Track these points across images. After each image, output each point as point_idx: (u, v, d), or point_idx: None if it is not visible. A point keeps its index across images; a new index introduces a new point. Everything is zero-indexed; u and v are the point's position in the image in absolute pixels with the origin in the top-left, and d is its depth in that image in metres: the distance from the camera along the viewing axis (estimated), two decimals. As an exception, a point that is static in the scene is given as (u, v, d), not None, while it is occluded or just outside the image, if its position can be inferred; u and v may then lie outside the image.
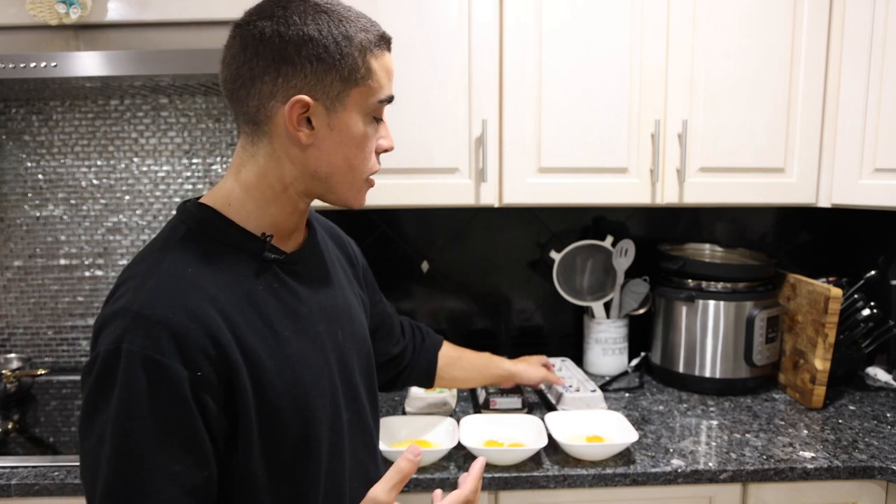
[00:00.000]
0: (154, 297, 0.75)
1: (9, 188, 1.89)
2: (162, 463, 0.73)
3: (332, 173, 0.85)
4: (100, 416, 0.73)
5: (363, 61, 0.81)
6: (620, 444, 1.34)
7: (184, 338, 0.74)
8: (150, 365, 0.72)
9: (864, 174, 1.58)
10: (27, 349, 1.93)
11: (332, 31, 0.79)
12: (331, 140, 0.83)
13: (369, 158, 0.87)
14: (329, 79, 0.80)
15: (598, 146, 1.58)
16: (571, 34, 1.55)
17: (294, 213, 0.88)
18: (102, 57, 1.38)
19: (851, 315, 1.72)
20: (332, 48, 0.79)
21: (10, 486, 1.28)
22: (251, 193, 0.85)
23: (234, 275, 0.82)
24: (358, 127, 0.84)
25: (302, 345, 0.85)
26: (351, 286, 1.03)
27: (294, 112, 0.80)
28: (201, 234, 0.83)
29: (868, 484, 1.36)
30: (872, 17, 1.52)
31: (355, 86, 0.82)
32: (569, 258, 1.87)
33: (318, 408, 0.85)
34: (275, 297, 0.84)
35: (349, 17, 0.81)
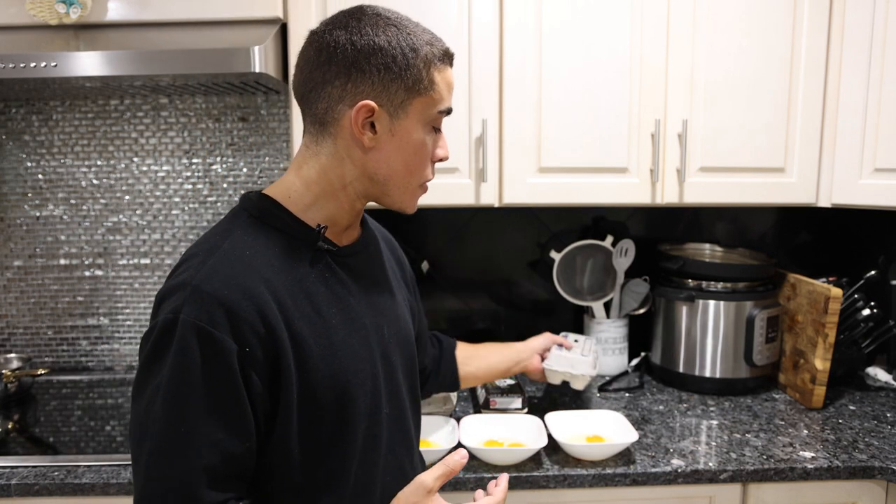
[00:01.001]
0: (213, 274, 0.81)
1: (9, 188, 1.89)
2: (207, 429, 0.78)
3: (389, 177, 0.90)
4: (153, 379, 0.79)
5: (427, 73, 0.87)
6: (620, 444, 1.34)
7: (236, 314, 0.79)
8: (204, 336, 0.77)
9: (864, 174, 1.58)
10: (27, 349, 1.93)
11: (400, 42, 0.85)
12: (391, 145, 0.88)
13: (426, 166, 0.92)
14: (394, 87, 0.86)
15: (599, 146, 1.58)
16: (571, 34, 1.55)
17: (350, 211, 0.93)
18: (102, 57, 1.38)
19: (851, 315, 1.72)
20: (400, 59, 0.85)
21: (10, 486, 1.28)
22: (311, 188, 0.90)
23: (288, 261, 0.87)
24: (418, 134, 0.89)
25: (348, 333, 0.89)
26: (400, 289, 1.08)
27: (360, 116, 0.86)
28: (261, 221, 0.88)
29: (868, 484, 1.36)
30: (872, 18, 1.53)
31: (418, 95, 0.87)
32: (569, 258, 1.87)
33: (357, 395, 0.89)
34: (325, 285, 0.89)
35: (416, 31, 0.87)
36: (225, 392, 0.79)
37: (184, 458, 0.77)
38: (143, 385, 0.80)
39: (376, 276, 1.00)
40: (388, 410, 0.95)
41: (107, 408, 1.68)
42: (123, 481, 1.28)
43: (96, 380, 1.88)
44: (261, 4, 1.48)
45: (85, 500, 1.29)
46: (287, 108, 1.86)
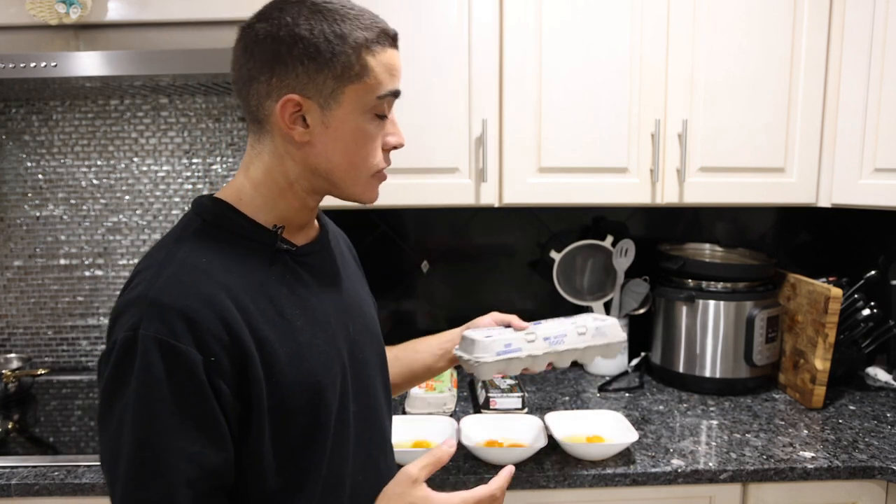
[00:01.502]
0: (169, 284, 0.78)
1: (9, 188, 1.89)
2: (181, 445, 0.75)
3: (331, 170, 0.86)
4: (119, 402, 0.76)
5: (358, 59, 0.82)
6: (620, 444, 1.34)
7: (198, 323, 0.76)
8: (167, 349, 0.75)
9: (864, 174, 1.58)
10: (27, 349, 1.93)
11: (324, 30, 0.80)
12: (327, 137, 0.84)
13: (372, 155, 0.87)
14: (321, 77, 0.81)
15: (599, 146, 1.58)
16: (571, 34, 1.55)
17: (303, 208, 0.90)
18: (102, 57, 1.38)
19: (851, 315, 1.72)
20: (324, 47, 0.80)
21: (10, 485, 1.28)
22: (259, 189, 0.87)
23: (247, 265, 0.84)
24: (356, 124, 0.85)
25: (313, 334, 0.87)
26: (364, 285, 1.06)
27: (286, 111, 0.82)
28: (216, 226, 0.85)
29: (868, 484, 1.36)
30: (872, 18, 1.52)
31: (350, 83, 0.82)
32: (569, 258, 1.87)
33: (328, 396, 0.87)
34: (287, 287, 0.87)
35: (348, 15, 0.82)
36: (195, 405, 0.76)
37: (161, 477, 0.75)
38: (109, 408, 0.76)
39: (338, 273, 0.97)
40: (356, 408, 0.93)
41: (107, 408, 1.68)
42: (123, 481, 1.28)
43: (96, 380, 1.87)
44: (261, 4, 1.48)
45: (85, 500, 1.29)
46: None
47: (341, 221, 1.14)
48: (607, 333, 1.21)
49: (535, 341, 1.16)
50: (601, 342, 1.20)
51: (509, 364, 1.13)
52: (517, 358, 1.14)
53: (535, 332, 1.16)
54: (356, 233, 1.18)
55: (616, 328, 1.22)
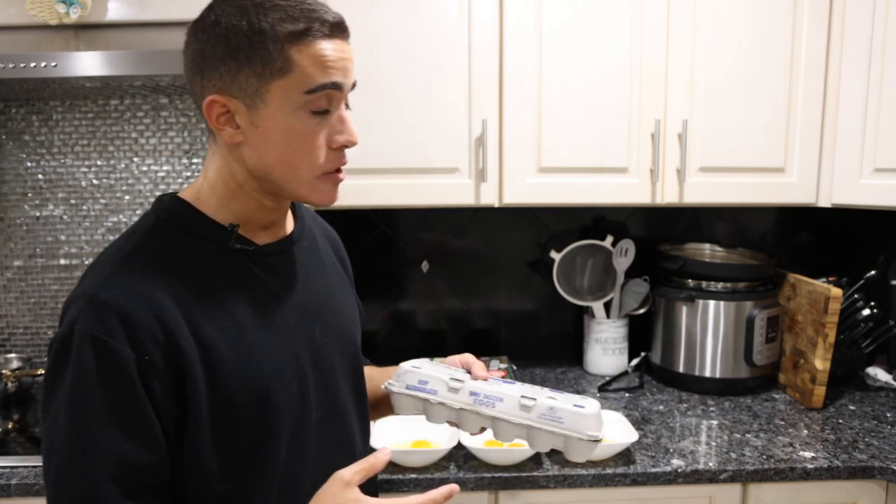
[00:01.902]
0: (109, 281, 0.78)
1: (9, 188, 1.89)
2: (110, 441, 0.75)
3: (267, 172, 0.83)
4: (55, 396, 0.77)
5: (280, 53, 0.77)
6: (620, 444, 1.34)
7: (132, 321, 0.76)
8: (99, 346, 0.75)
9: (864, 174, 1.58)
10: (27, 349, 1.93)
11: (242, 26, 0.77)
12: (257, 138, 0.81)
13: (311, 155, 0.82)
14: (243, 76, 0.78)
15: (599, 146, 1.58)
16: (571, 34, 1.55)
17: (260, 209, 0.88)
18: (102, 57, 1.38)
19: (851, 315, 1.72)
20: (244, 44, 0.77)
21: (10, 485, 1.28)
22: (214, 190, 0.86)
23: (198, 264, 0.83)
24: (286, 122, 0.80)
25: (267, 336, 0.85)
26: (343, 287, 1.03)
27: (212, 112, 0.80)
28: (171, 223, 0.85)
29: (868, 484, 1.36)
30: (872, 18, 1.53)
31: (273, 80, 0.78)
32: (569, 258, 1.87)
33: (280, 400, 0.85)
34: (241, 287, 0.85)
35: (275, 7, 0.78)
36: (126, 403, 0.76)
37: (88, 472, 0.75)
38: (48, 401, 0.78)
39: (308, 275, 0.94)
40: (320, 414, 0.90)
41: (107, 408, 1.68)
42: (123, 481, 1.28)
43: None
44: (261, 4, 1.48)
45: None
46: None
47: (339, 222, 1.14)
48: (565, 421, 0.93)
49: (459, 392, 0.96)
50: (553, 429, 0.93)
51: (426, 407, 0.98)
52: (430, 402, 0.97)
53: (464, 383, 0.97)
54: (356, 233, 1.18)
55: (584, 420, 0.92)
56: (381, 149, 1.56)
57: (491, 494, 1.33)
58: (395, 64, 1.53)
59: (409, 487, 1.29)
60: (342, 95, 0.82)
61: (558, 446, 0.94)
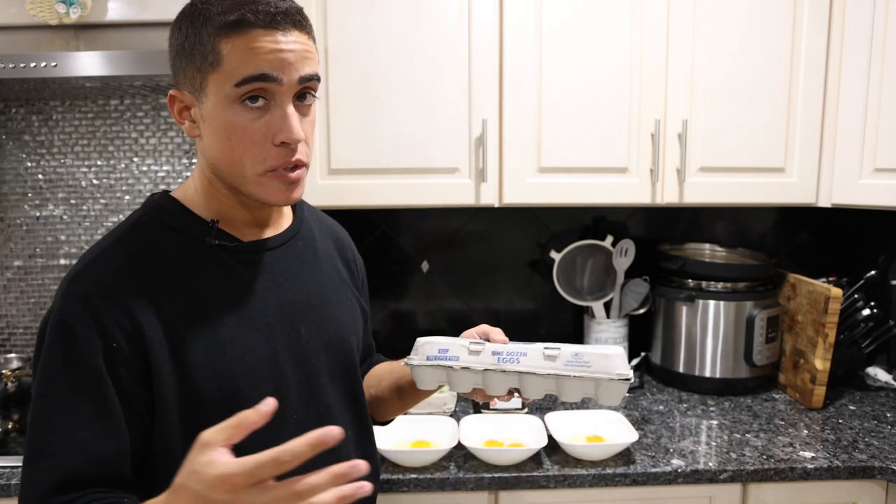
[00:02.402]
0: (86, 272, 0.81)
1: (9, 188, 1.89)
2: (70, 427, 0.76)
3: (217, 166, 0.84)
4: (34, 381, 0.80)
5: (213, 46, 0.77)
6: (620, 444, 1.34)
7: (99, 309, 0.78)
8: (67, 331, 0.77)
9: (864, 174, 1.58)
10: (27, 349, 1.93)
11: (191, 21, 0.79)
12: (207, 132, 0.82)
13: (253, 150, 0.80)
14: (190, 70, 0.80)
15: (599, 146, 1.58)
16: (571, 34, 1.55)
17: (238, 205, 0.88)
18: (102, 57, 1.38)
19: (851, 315, 1.72)
20: (190, 38, 0.79)
21: (10, 486, 1.28)
22: (196, 184, 0.89)
23: (175, 259, 0.84)
24: (224, 116, 0.79)
25: (242, 332, 0.85)
26: (342, 289, 1.01)
27: (173, 106, 0.84)
28: (155, 219, 0.87)
29: (868, 484, 1.36)
30: (872, 18, 1.53)
31: (209, 73, 0.79)
32: (569, 258, 1.87)
33: (250, 396, 0.81)
34: (218, 283, 0.86)
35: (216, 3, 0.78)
36: (89, 389, 0.77)
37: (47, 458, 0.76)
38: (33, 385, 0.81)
39: (298, 274, 0.93)
40: (301, 416, 0.88)
41: (107, 408, 1.68)
42: (123, 481, 1.28)
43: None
44: (261, 4, 1.48)
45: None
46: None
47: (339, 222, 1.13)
48: (592, 365, 0.91)
49: (481, 354, 0.93)
50: (582, 374, 0.91)
51: (449, 375, 0.94)
52: (453, 368, 0.93)
53: (485, 345, 0.95)
54: (356, 233, 1.17)
55: (612, 361, 0.92)
56: (381, 149, 1.56)
57: (491, 494, 1.32)
58: (395, 64, 1.53)
59: (408, 487, 1.29)
60: (282, 89, 0.79)
61: (589, 393, 0.92)
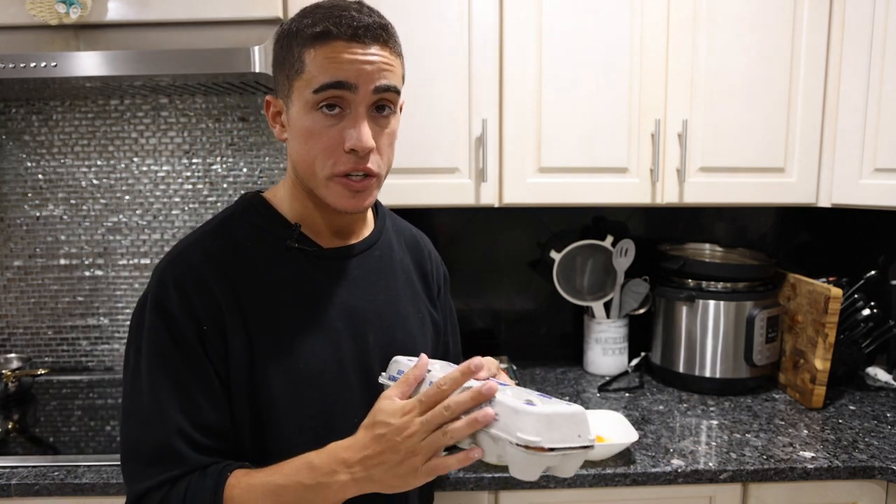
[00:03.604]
0: (179, 258, 0.87)
1: (9, 188, 1.89)
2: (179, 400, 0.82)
3: (297, 168, 0.89)
4: (132, 358, 0.86)
5: (299, 55, 0.84)
6: (620, 444, 1.34)
7: (190, 294, 0.84)
8: (166, 314, 0.84)
9: (864, 174, 1.58)
10: (27, 349, 1.93)
11: (287, 35, 0.86)
12: (291, 136, 0.88)
13: (323, 155, 0.84)
14: (281, 76, 0.87)
15: (599, 146, 1.58)
16: (571, 34, 1.55)
17: (317, 210, 0.92)
18: (102, 57, 1.38)
19: (851, 315, 1.71)
20: (283, 50, 0.86)
21: (10, 486, 1.28)
22: (286, 186, 0.94)
23: (259, 257, 0.89)
24: (304, 121, 0.85)
25: (310, 336, 0.88)
26: (415, 302, 1.03)
27: (268, 110, 0.91)
28: (243, 217, 0.92)
29: (868, 484, 1.36)
30: (872, 17, 1.52)
31: (295, 80, 0.85)
32: (569, 258, 1.87)
33: (312, 398, 0.88)
34: (293, 284, 0.90)
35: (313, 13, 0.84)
36: (190, 364, 0.83)
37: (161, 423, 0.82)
38: (127, 362, 0.87)
39: (372, 283, 0.96)
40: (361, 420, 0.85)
41: (107, 408, 1.68)
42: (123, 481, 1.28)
43: (96, 380, 1.88)
44: (261, 4, 1.48)
45: (85, 500, 1.29)
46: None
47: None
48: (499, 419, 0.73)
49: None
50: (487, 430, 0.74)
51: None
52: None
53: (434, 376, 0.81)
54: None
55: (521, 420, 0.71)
56: (381, 149, 1.56)
57: (491, 494, 1.32)
58: (395, 64, 1.53)
59: (409, 487, 1.28)
60: (357, 98, 0.83)
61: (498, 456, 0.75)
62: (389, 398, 0.81)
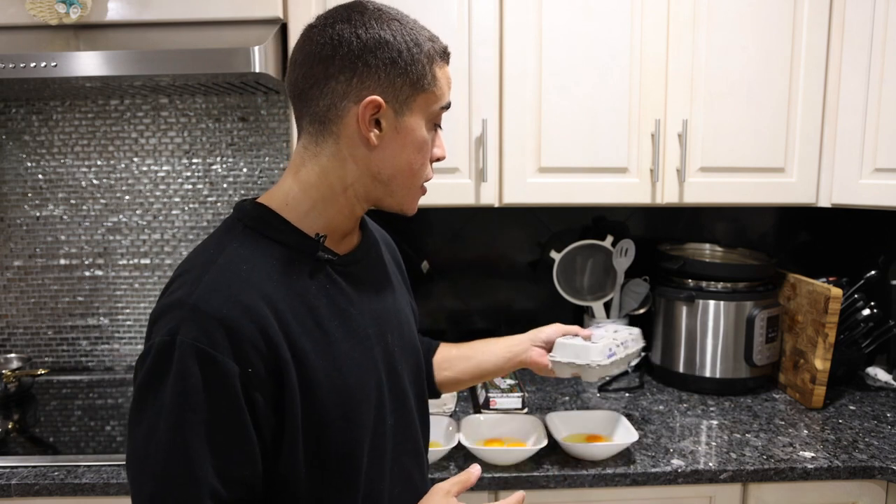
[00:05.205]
0: (209, 291, 0.77)
1: (9, 188, 1.89)
2: (210, 457, 0.75)
3: (393, 176, 0.87)
4: (153, 404, 0.75)
5: (430, 69, 0.85)
6: (620, 444, 1.34)
7: (237, 333, 0.75)
8: (204, 358, 0.74)
9: (864, 174, 1.58)
10: (27, 349, 1.93)
11: (405, 37, 0.83)
12: (396, 142, 0.85)
13: (427, 164, 0.90)
14: (400, 82, 0.83)
15: (599, 146, 1.58)
16: (571, 34, 1.55)
17: (350, 216, 0.90)
18: (102, 57, 1.38)
19: (851, 315, 1.72)
20: (405, 53, 0.83)
21: (10, 486, 1.28)
22: (309, 193, 0.86)
23: (287, 273, 0.83)
24: (421, 132, 0.86)
25: (351, 347, 0.86)
26: (402, 293, 1.04)
27: (367, 112, 0.82)
28: (258, 232, 0.84)
29: (868, 484, 1.36)
30: (872, 17, 1.53)
31: (422, 92, 0.85)
32: (569, 258, 1.87)
33: (362, 410, 0.86)
34: (327, 297, 0.85)
35: (417, 27, 0.86)
36: (228, 417, 0.75)
37: (189, 484, 0.74)
38: (142, 411, 0.76)
39: (378, 282, 0.96)
40: (393, 421, 0.92)
41: (107, 408, 1.68)
42: (123, 481, 1.28)
43: (96, 380, 1.88)
44: (261, 4, 1.48)
45: (85, 500, 1.29)
46: (287, 108, 1.86)
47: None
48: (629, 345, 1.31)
49: (618, 348, 1.26)
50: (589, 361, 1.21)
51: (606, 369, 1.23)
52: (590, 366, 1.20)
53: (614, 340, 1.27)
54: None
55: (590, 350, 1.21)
56: (381, 149, 1.56)
57: (491, 494, 1.33)
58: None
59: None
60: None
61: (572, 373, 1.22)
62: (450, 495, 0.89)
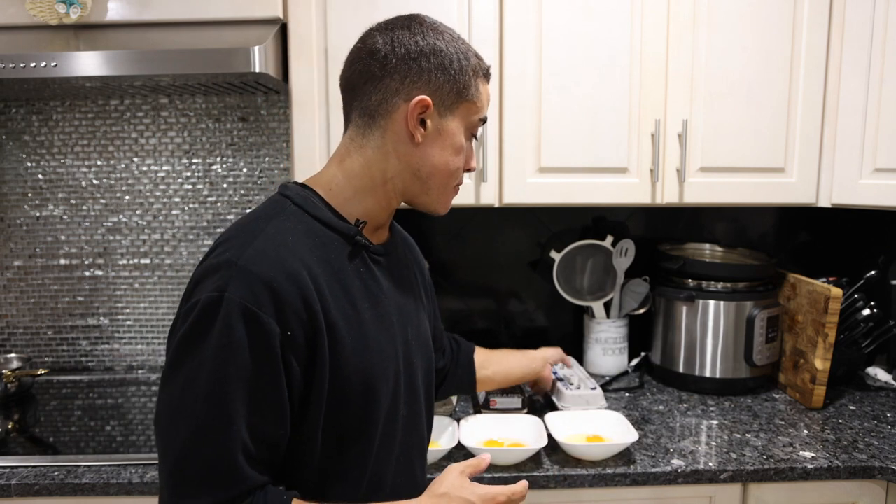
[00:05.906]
0: (258, 255, 0.81)
1: (9, 188, 1.89)
2: (246, 412, 0.78)
3: (432, 174, 0.93)
4: (194, 356, 0.78)
5: (474, 81, 0.93)
6: (620, 444, 1.34)
7: (281, 297, 0.79)
8: (249, 317, 0.77)
9: (864, 174, 1.58)
10: (27, 349, 1.93)
11: (457, 49, 0.91)
12: (438, 143, 0.92)
13: (461, 168, 0.96)
14: (447, 88, 0.90)
15: (598, 146, 1.58)
16: (571, 34, 1.55)
17: (387, 208, 0.96)
18: (102, 57, 1.38)
19: (851, 315, 1.72)
20: (455, 63, 0.90)
21: (10, 486, 1.28)
22: (352, 181, 0.92)
23: (327, 252, 0.87)
24: (460, 137, 0.93)
25: (378, 331, 0.91)
26: (421, 295, 1.09)
27: (416, 110, 0.89)
28: (303, 210, 0.89)
29: (868, 484, 1.36)
30: (872, 17, 1.53)
31: (465, 100, 0.92)
32: (569, 258, 1.87)
33: (381, 394, 0.90)
34: (360, 280, 0.90)
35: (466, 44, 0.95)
36: (267, 376, 0.79)
37: (225, 436, 0.77)
38: (180, 363, 0.79)
39: (402, 278, 1.01)
40: (405, 412, 0.96)
41: (107, 408, 1.68)
42: (123, 481, 1.28)
43: (96, 380, 1.88)
44: (261, 4, 1.48)
45: (85, 500, 1.29)
46: (287, 108, 1.86)
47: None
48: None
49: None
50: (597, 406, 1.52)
51: None
52: None
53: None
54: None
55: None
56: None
57: (491, 494, 1.32)
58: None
59: (409, 487, 1.28)
60: None
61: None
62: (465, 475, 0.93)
